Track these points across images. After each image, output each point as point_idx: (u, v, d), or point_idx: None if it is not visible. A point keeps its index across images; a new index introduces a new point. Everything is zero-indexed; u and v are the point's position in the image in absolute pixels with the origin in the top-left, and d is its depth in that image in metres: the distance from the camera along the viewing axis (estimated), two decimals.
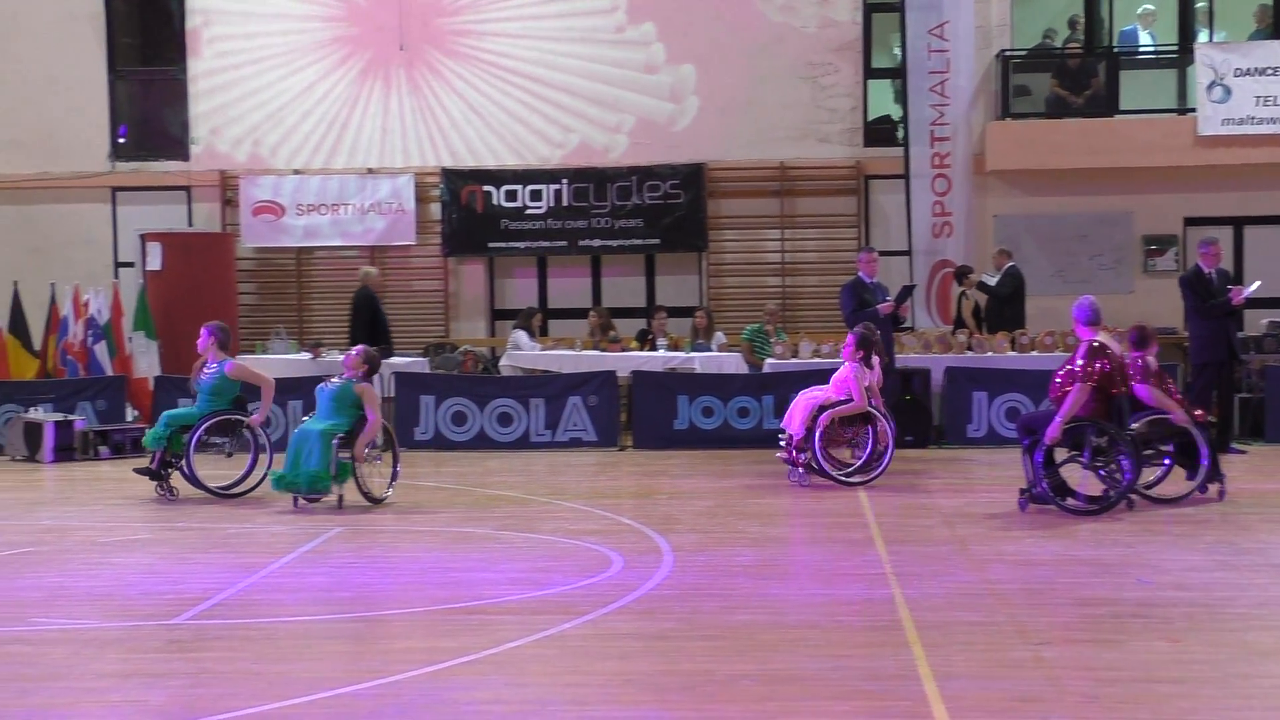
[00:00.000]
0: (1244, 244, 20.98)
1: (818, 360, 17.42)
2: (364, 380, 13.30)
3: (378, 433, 13.26)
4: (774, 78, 21.40)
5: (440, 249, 21.76)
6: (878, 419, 14.16)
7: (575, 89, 21.70)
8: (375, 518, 12.58)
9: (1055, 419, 12.05)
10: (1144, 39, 21.52)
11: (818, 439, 13.92)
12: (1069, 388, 12.12)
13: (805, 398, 14.21)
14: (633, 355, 18.75)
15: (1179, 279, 17.33)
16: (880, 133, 21.58)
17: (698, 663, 7.64)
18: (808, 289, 21.42)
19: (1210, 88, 20.04)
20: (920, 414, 17.23)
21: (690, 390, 17.50)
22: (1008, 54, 21.03)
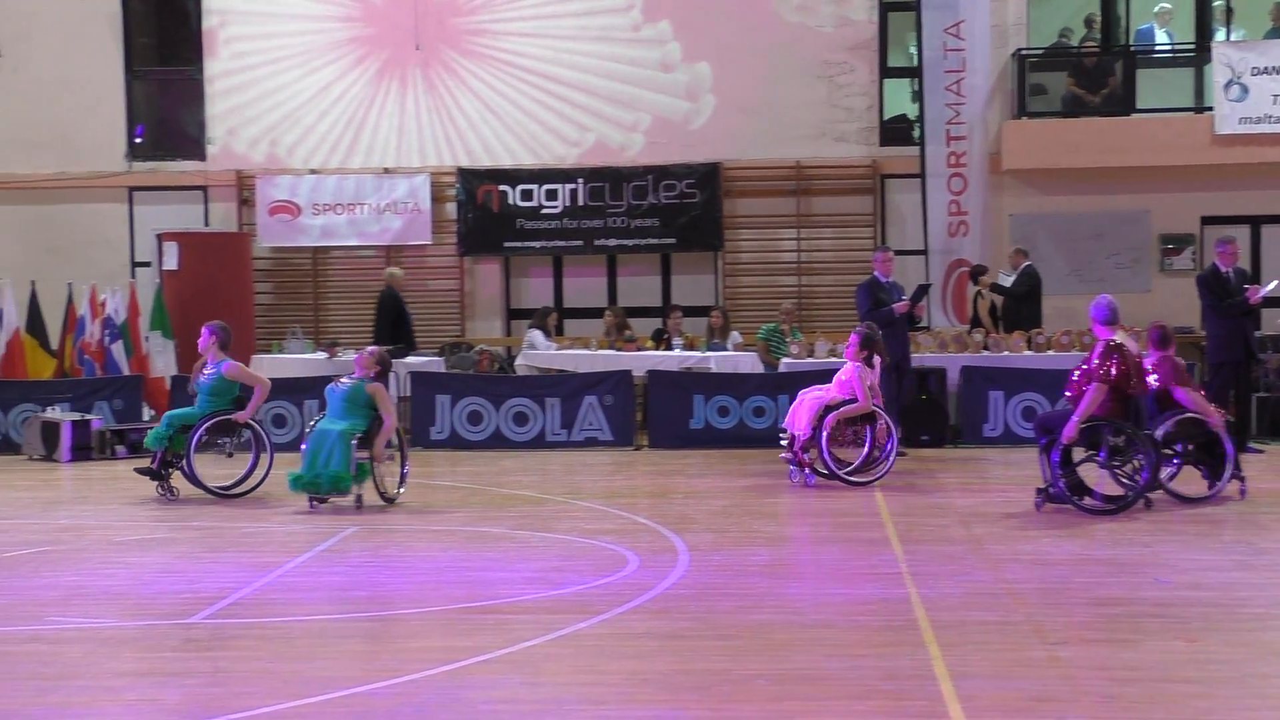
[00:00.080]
0: (1261, 243, 20.92)
1: (833, 360, 17.36)
2: (375, 381, 13.31)
3: (393, 432, 13.27)
4: (789, 77, 21.38)
5: (456, 248, 21.78)
6: (879, 418, 14.18)
7: (591, 88, 21.71)
8: (391, 517, 12.59)
9: (1072, 418, 12.02)
10: (1161, 37, 21.46)
11: (824, 440, 13.92)
12: (1085, 387, 12.10)
13: (809, 398, 14.18)
14: (648, 355, 18.74)
15: (1196, 278, 17.29)
16: (896, 132, 21.55)
17: (713, 662, 7.64)
18: (823, 288, 21.40)
19: (1227, 86, 19.98)
20: (936, 413, 17.22)
21: (706, 390, 17.49)
22: (1024, 53, 21.00)
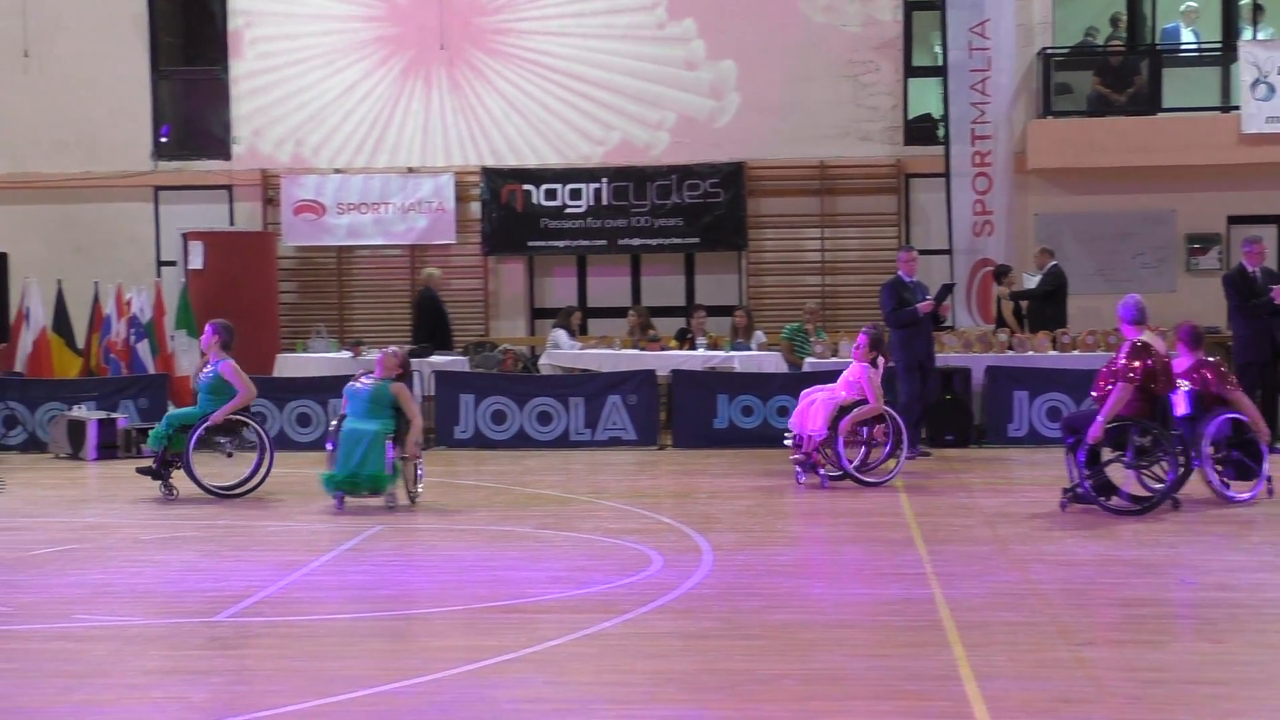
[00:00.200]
0: None
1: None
2: (398, 381, 13.34)
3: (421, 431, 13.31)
4: (814, 76, 21.34)
5: (480, 248, 21.80)
6: (888, 419, 14.20)
7: (616, 86, 21.70)
8: (415, 516, 12.61)
9: (1097, 418, 11.98)
10: (1187, 36, 21.38)
11: (841, 441, 13.89)
12: (1111, 387, 12.05)
13: (820, 399, 14.06)
14: (672, 354, 18.72)
15: (1222, 278, 17.23)
16: (921, 131, 21.50)
17: (737, 662, 7.63)
18: (848, 288, 21.36)
19: (1254, 85, 19.89)
20: (961, 413, 17.18)
21: (730, 389, 17.48)
22: (1049, 52, 20.94)
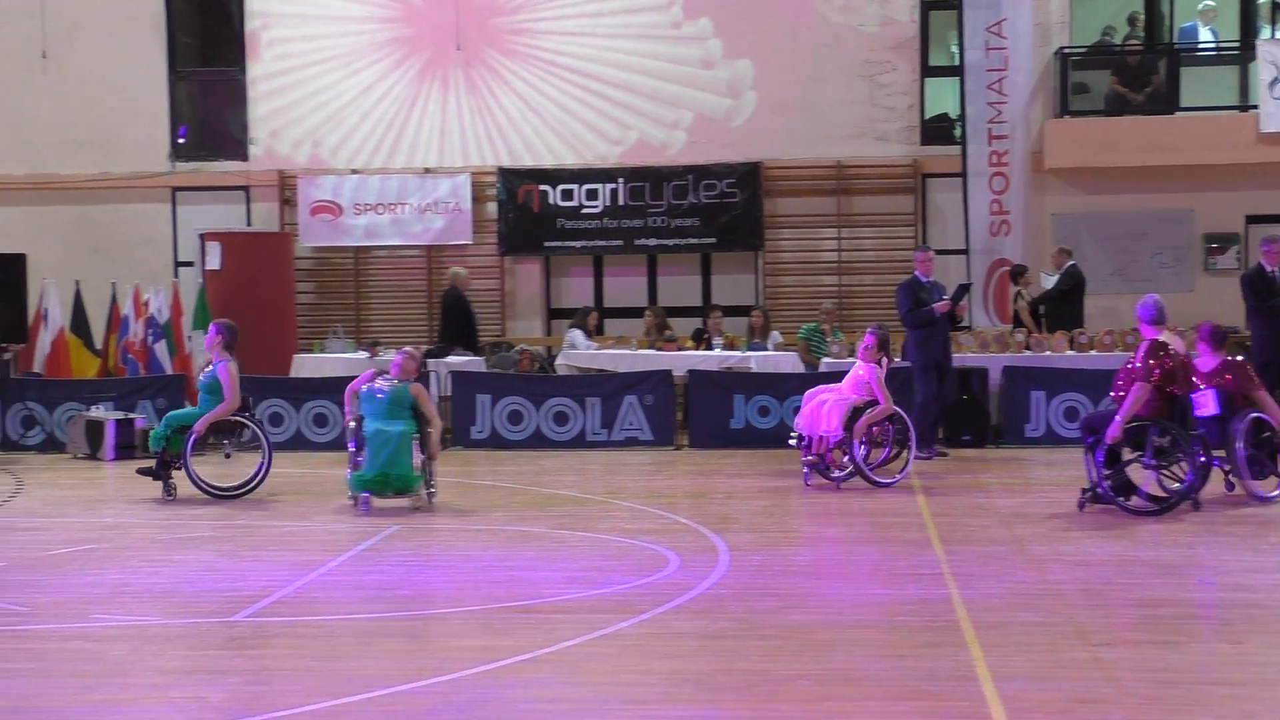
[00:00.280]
0: None
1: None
2: (415, 382, 13.37)
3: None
4: (831, 76, 21.32)
5: (496, 248, 21.82)
6: (898, 419, 14.25)
7: (632, 85, 21.70)
8: (432, 517, 12.62)
9: (1116, 418, 11.95)
10: (1205, 35, 21.32)
11: (857, 444, 13.88)
12: (1130, 387, 12.03)
13: (832, 400, 13.98)
14: (688, 354, 18.72)
15: (1240, 277, 17.18)
16: (938, 131, 21.47)
17: (754, 662, 7.63)
18: (864, 288, 21.34)
19: (1272, 84, 19.83)
20: (978, 413, 17.15)
21: (746, 389, 17.47)
22: (1067, 51, 20.90)
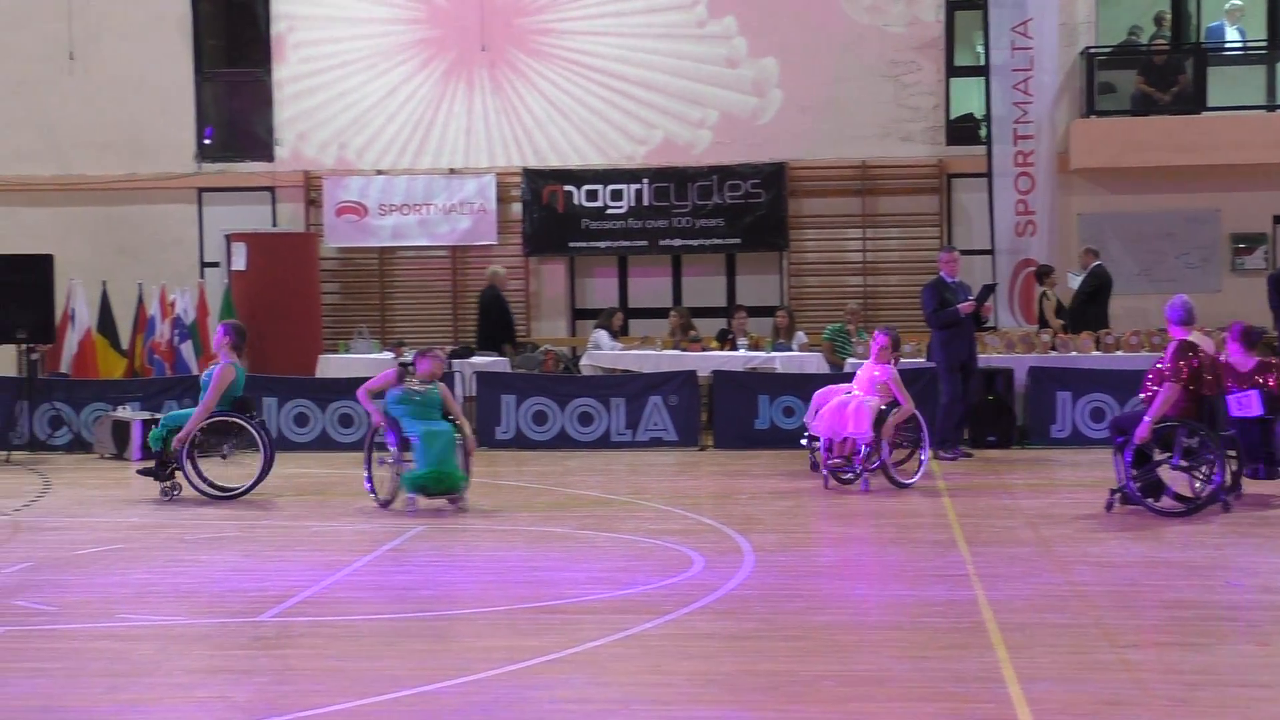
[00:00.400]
0: None
1: (900, 360, 17.28)
2: (442, 382, 13.41)
3: None
4: (855, 76, 21.29)
5: (521, 248, 21.83)
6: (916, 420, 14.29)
7: (657, 85, 21.69)
8: (457, 517, 12.62)
9: (1145, 418, 11.91)
10: (1232, 35, 21.24)
11: (886, 445, 13.85)
12: (1159, 387, 11.98)
13: (855, 402, 13.89)
14: (713, 355, 18.72)
15: (1268, 277, 17.12)
16: (963, 131, 21.42)
17: (779, 663, 7.62)
18: (889, 288, 21.30)
19: None
20: (1003, 414, 17.10)
21: (771, 390, 17.44)
22: (1093, 51, 20.83)
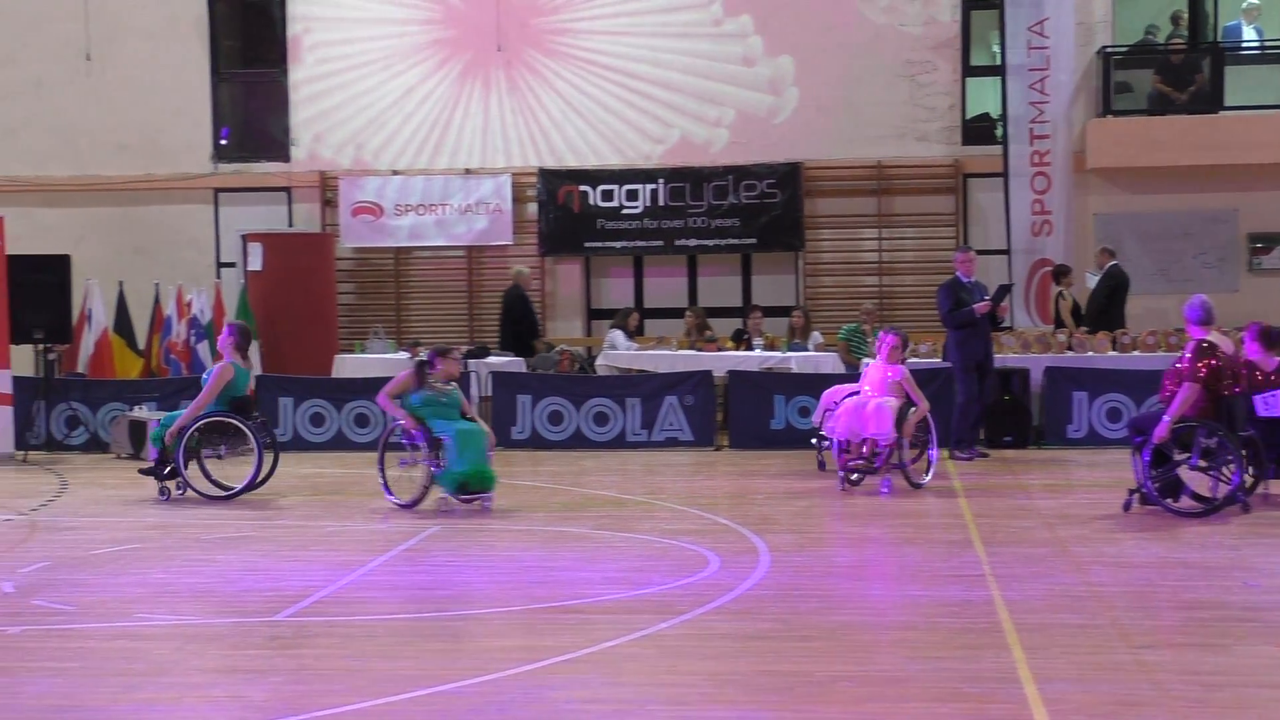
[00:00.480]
0: None
1: (915, 360, 17.25)
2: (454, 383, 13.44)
3: None
4: (871, 76, 21.27)
5: (537, 249, 21.84)
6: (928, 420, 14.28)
7: (674, 84, 21.69)
8: (472, 517, 12.63)
9: (1164, 418, 11.88)
10: (1249, 34, 21.19)
11: (906, 445, 13.84)
12: (1177, 387, 11.94)
13: (874, 404, 13.77)
14: (729, 355, 18.72)
15: None
16: (979, 131, 21.39)
17: (795, 663, 7.61)
18: (905, 288, 21.28)
19: None
20: (1019, 414, 17.08)
21: (787, 390, 17.43)
22: (1109, 50, 20.79)
